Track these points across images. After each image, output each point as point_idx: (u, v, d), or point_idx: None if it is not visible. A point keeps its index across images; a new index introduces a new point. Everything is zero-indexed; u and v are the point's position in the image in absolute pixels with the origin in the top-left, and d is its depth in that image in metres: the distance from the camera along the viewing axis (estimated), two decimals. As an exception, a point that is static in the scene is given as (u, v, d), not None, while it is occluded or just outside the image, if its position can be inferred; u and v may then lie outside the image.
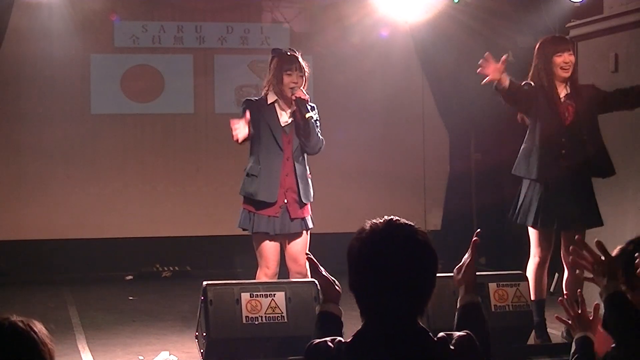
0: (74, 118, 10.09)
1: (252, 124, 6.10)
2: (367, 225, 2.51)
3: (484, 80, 6.20)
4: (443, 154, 10.78)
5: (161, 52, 10.33)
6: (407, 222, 2.51)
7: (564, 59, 6.30)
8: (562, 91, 6.38)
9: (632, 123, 7.49)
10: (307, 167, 6.32)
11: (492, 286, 6.19)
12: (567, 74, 6.32)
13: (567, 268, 6.41)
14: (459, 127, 10.62)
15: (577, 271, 5.91)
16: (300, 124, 6.16)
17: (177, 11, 10.32)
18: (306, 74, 6.23)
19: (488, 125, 10.17)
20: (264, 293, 5.93)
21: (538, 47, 6.45)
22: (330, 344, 2.49)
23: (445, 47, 10.29)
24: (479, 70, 6.18)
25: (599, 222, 6.45)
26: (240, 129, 6.00)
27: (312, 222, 6.31)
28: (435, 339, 2.48)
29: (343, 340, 2.51)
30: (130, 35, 10.24)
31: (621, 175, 7.56)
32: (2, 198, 9.87)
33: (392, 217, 2.51)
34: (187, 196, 10.29)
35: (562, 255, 6.40)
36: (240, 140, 6.02)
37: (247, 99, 6.35)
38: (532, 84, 6.39)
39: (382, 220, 2.50)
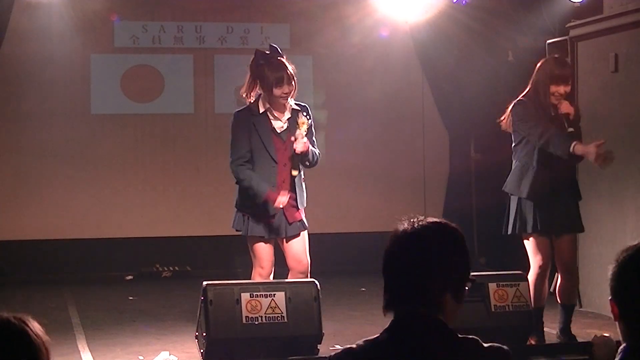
0: (74, 118, 10.09)
1: (245, 136, 6.09)
2: (408, 221, 2.56)
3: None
4: (443, 154, 10.78)
5: (161, 52, 10.33)
6: (447, 223, 2.56)
7: (558, 90, 6.26)
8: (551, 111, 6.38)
9: (631, 123, 7.50)
10: (302, 172, 6.28)
11: (492, 286, 6.19)
12: (555, 102, 6.29)
13: (560, 274, 6.44)
14: (459, 127, 10.62)
15: None
16: (304, 159, 6.15)
17: (177, 11, 10.32)
18: (295, 78, 6.10)
19: (488, 125, 10.14)
20: (264, 293, 5.93)
21: (540, 67, 6.37)
22: (354, 347, 2.50)
23: (445, 47, 10.29)
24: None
25: (581, 228, 6.57)
26: (284, 199, 6.02)
27: (306, 222, 6.30)
28: (464, 337, 2.48)
29: (369, 340, 2.51)
30: (130, 35, 10.24)
31: (621, 175, 7.57)
32: (2, 198, 9.87)
33: (434, 218, 2.56)
34: (187, 196, 10.29)
35: (555, 260, 6.42)
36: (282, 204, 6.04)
37: (237, 112, 6.22)
38: (523, 102, 6.34)
39: (422, 219, 2.55)
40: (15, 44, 9.71)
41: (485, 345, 2.48)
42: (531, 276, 6.36)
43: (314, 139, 6.21)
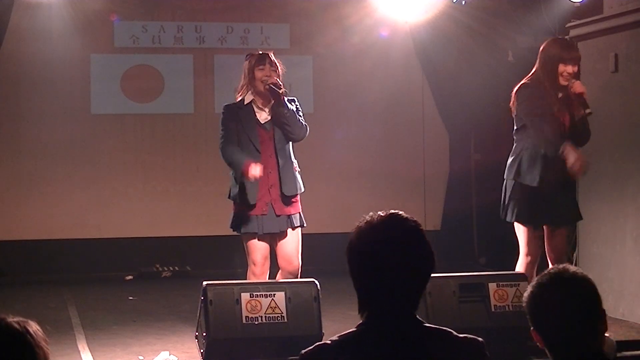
0: (74, 118, 10.09)
1: (232, 126, 6.13)
2: (367, 218, 2.54)
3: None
4: (443, 154, 10.78)
5: (161, 52, 10.33)
6: (405, 215, 2.54)
7: (567, 70, 6.22)
8: (558, 93, 6.33)
9: (632, 123, 7.50)
10: (294, 161, 6.26)
11: (492, 286, 6.19)
12: (565, 83, 6.23)
13: (552, 264, 6.43)
14: (459, 127, 10.62)
15: None
16: (280, 111, 6.07)
17: (177, 11, 10.32)
18: (279, 70, 6.16)
19: (488, 125, 10.18)
20: (264, 293, 5.93)
21: (544, 48, 6.35)
22: (328, 342, 2.50)
23: (445, 47, 10.29)
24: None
25: (580, 217, 6.57)
26: (257, 170, 5.98)
27: (304, 220, 6.25)
28: (437, 328, 2.49)
29: (342, 335, 2.51)
30: (130, 35, 10.24)
31: (621, 174, 7.57)
32: (2, 198, 9.88)
33: (392, 210, 2.54)
34: (187, 196, 10.29)
35: (546, 250, 6.41)
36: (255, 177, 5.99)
37: (225, 105, 6.28)
38: (528, 85, 6.31)
39: (382, 214, 2.52)
40: (15, 44, 9.71)
41: (460, 335, 2.48)
42: (520, 265, 6.37)
43: (300, 113, 6.20)
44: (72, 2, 9.67)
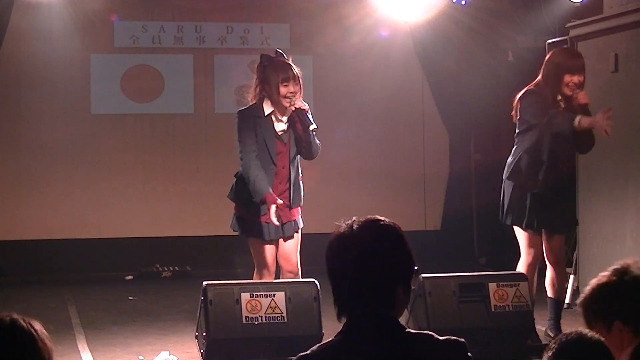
0: (74, 118, 10.09)
1: (252, 134, 6.07)
2: (347, 222, 2.54)
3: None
4: (443, 154, 10.78)
5: (161, 52, 10.33)
6: (384, 219, 2.54)
7: (572, 80, 6.22)
8: (560, 103, 6.36)
9: (631, 123, 7.50)
10: (300, 170, 6.29)
11: (492, 286, 6.20)
12: (569, 93, 6.26)
13: (552, 267, 6.45)
14: (459, 127, 10.63)
15: None
16: (301, 135, 6.11)
17: (177, 11, 10.31)
18: (300, 79, 6.12)
19: (488, 125, 10.18)
20: (263, 293, 5.93)
21: (549, 58, 6.35)
22: (308, 352, 2.49)
23: (445, 47, 10.29)
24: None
25: (575, 228, 6.80)
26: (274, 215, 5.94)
27: (302, 222, 6.29)
28: (418, 333, 2.49)
29: (322, 344, 2.50)
30: (130, 35, 10.24)
31: (621, 174, 7.58)
32: (2, 198, 9.87)
33: (368, 217, 2.53)
34: (187, 196, 10.29)
35: (545, 253, 6.43)
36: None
37: (240, 111, 6.19)
38: (534, 91, 6.31)
39: (360, 219, 2.52)
40: (15, 44, 9.71)
41: (441, 338, 2.48)
42: (521, 268, 6.38)
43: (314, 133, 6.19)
44: (72, 2, 9.67)
